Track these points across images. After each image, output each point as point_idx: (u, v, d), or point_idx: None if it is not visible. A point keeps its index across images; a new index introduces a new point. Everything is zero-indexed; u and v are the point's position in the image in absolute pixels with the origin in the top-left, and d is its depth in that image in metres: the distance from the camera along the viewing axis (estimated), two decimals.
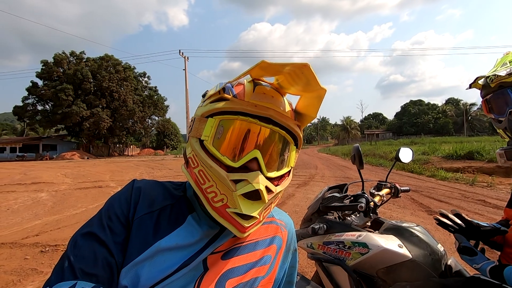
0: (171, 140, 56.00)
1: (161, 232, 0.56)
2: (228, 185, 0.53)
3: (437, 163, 13.02)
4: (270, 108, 0.57)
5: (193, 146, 0.57)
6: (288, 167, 0.62)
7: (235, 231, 0.55)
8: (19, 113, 39.12)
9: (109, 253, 0.51)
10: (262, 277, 0.61)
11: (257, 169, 0.55)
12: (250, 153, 0.54)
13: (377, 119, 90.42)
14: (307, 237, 1.40)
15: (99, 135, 40.84)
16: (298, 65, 0.51)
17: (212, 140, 0.55)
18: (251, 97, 0.56)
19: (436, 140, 31.07)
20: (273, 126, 0.57)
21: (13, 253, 3.60)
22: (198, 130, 0.57)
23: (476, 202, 6.04)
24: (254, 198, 0.54)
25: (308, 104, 0.62)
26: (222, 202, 0.54)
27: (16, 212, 5.97)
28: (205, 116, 0.57)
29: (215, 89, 0.59)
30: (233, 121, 0.55)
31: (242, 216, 0.54)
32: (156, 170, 15.67)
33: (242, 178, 0.53)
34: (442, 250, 1.14)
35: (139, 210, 0.57)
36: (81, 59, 40.84)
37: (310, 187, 8.22)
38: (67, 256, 0.50)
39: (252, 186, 0.53)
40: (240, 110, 0.55)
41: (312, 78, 0.53)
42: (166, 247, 0.54)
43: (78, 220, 5.19)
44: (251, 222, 0.55)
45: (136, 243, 0.53)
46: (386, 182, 1.55)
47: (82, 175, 13.02)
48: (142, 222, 0.56)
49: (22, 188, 9.15)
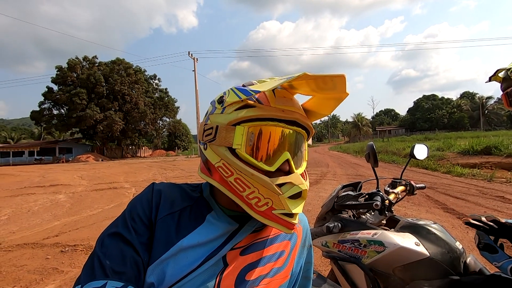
0: (182, 141, 56.59)
1: (182, 231, 0.58)
2: (274, 189, 0.55)
3: (453, 159, 12.68)
4: (295, 111, 0.60)
5: (223, 155, 0.57)
6: (305, 161, 0.65)
7: (284, 230, 0.57)
8: (36, 118, 40.43)
9: (136, 252, 0.54)
10: (279, 268, 0.64)
11: (288, 169, 0.58)
12: (282, 156, 0.57)
13: (389, 115, 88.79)
14: (321, 236, 1.40)
15: (112, 138, 41.75)
16: (335, 75, 0.54)
17: (245, 148, 0.56)
18: (275, 102, 0.58)
19: (451, 135, 30.28)
20: (297, 127, 0.60)
21: (35, 253, 3.74)
22: (226, 139, 0.57)
23: (494, 198, 5.86)
24: (297, 197, 0.58)
25: (322, 104, 0.65)
26: (267, 205, 0.56)
27: (36, 213, 6.19)
28: (231, 124, 0.57)
29: (236, 96, 0.59)
30: (263, 127, 0.57)
31: (288, 215, 0.57)
32: (169, 171, 15.89)
33: (286, 181, 0.56)
34: (460, 248, 1.12)
35: (161, 211, 0.60)
36: (93, 64, 41.82)
37: (322, 186, 8.16)
38: (96, 255, 0.52)
39: (299, 187, 0.57)
40: (269, 117, 0.57)
41: (341, 85, 0.55)
42: (188, 245, 0.57)
43: (95, 220, 5.33)
44: (296, 218, 0.58)
45: (161, 242, 0.56)
46: (401, 179, 1.53)
47: (98, 177, 13.35)
48: (165, 222, 0.59)
49: (41, 190, 9.47)
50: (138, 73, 42.94)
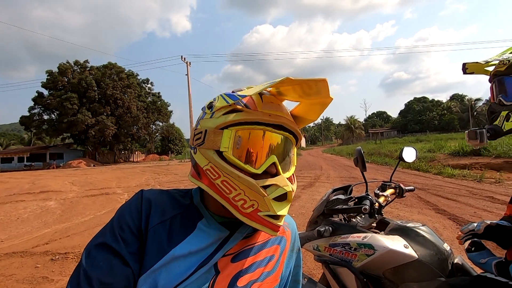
0: (175, 145, 56.24)
1: (174, 240, 0.58)
2: (259, 191, 0.56)
3: (444, 160, 12.90)
4: (282, 116, 0.61)
5: (211, 158, 0.59)
6: (294, 165, 0.67)
7: (270, 232, 0.58)
8: (26, 123, 39.70)
9: (124, 262, 0.53)
10: (269, 272, 0.65)
11: (276, 172, 0.59)
12: (269, 159, 0.58)
13: (381, 118, 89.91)
14: (313, 240, 1.41)
15: (104, 143, 41.26)
16: (317, 80, 0.56)
17: (232, 151, 0.57)
18: (262, 107, 0.60)
19: (442, 137, 30.79)
20: (284, 132, 0.62)
21: (24, 262, 3.66)
22: (214, 142, 0.58)
23: (484, 198, 5.97)
24: (282, 199, 0.59)
25: (308, 109, 0.67)
26: (253, 207, 0.57)
27: (26, 221, 6.06)
28: (219, 128, 0.59)
29: (224, 101, 0.60)
30: (250, 131, 0.58)
31: (273, 217, 0.58)
32: (162, 175, 15.76)
33: (271, 183, 0.57)
34: (448, 249, 1.14)
35: (152, 220, 0.59)
36: (85, 68, 41.40)
37: (315, 188, 8.20)
38: (82, 266, 0.52)
39: (283, 189, 0.57)
40: (256, 121, 0.58)
41: (325, 89, 0.57)
42: (180, 254, 0.57)
43: (87, 227, 5.24)
44: (281, 220, 0.59)
45: (152, 252, 0.56)
46: (390, 182, 1.56)
47: (89, 183, 13.15)
48: (156, 231, 0.58)
49: (31, 197, 9.27)
50: (130, 77, 42.64)
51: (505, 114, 0.97)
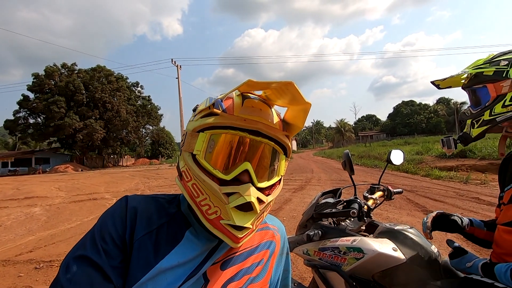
0: (166, 149, 55.67)
1: (161, 252, 0.56)
2: (220, 198, 0.54)
3: (431, 163, 13.16)
4: (259, 121, 0.58)
5: (186, 160, 0.58)
6: (278, 176, 0.63)
7: (230, 242, 0.56)
8: (10, 127, 38.55)
9: (106, 278, 0.50)
10: (256, 278, 0.63)
11: (249, 181, 0.56)
12: (241, 166, 0.56)
13: (370, 121, 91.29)
14: (302, 244, 1.40)
15: (92, 147, 40.44)
16: (283, 83, 0.53)
17: (204, 154, 0.56)
18: (240, 111, 0.58)
19: (429, 139, 31.39)
20: (262, 138, 0.58)
21: (6, 271, 3.52)
22: (190, 145, 0.58)
23: (470, 200, 6.11)
24: (246, 209, 0.55)
25: (295, 116, 0.65)
26: (216, 214, 0.55)
27: (9, 228, 5.86)
28: (196, 131, 0.58)
29: (205, 104, 0.60)
30: (223, 135, 0.57)
31: (235, 228, 0.55)
32: (152, 180, 15.53)
33: (234, 191, 0.54)
34: (436, 252, 1.15)
35: (138, 231, 0.56)
36: (72, 71, 40.62)
37: (306, 191, 8.22)
38: (59, 283, 0.48)
39: (244, 198, 0.54)
40: (230, 125, 0.56)
41: (297, 94, 0.55)
42: (168, 267, 0.54)
43: (73, 234, 5.10)
44: (244, 232, 0.56)
45: (139, 265, 0.53)
46: (379, 185, 1.57)
47: (77, 188, 12.84)
48: (142, 243, 0.55)
49: (15, 204, 8.98)
50: (119, 81, 42.08)
51: (470, 122, 1.06)
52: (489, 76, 0.97)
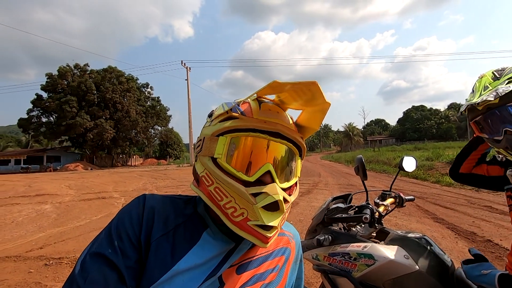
0: (174, 149, 56.16)
1: (178, 253, 0.56)
2: (248, 199, 0.54)
3: (442, 169, 12.90)
4: (278, 123, 0.59)
5: (206, 165, 0.58)
6: (296, 177, 0.64)
7: (258, 243, 0.56)
8: (23, 125, 39.57)
9: (121, 278, 0.50)
10: (272, 284, 0.63)
11: (271, 181, 0.57)
12: (263, 167, 0.56)
13: (379, 125, 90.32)
14: (312, 249, 1.39)
15: (102, 146, 41.11)
16: (307, 82, 0.54)
17: (225, 158, 0.56)
18: (259, 114, 0.59)
19: (440, 145, 30.91)
20: (281, 139, 0.59)
21: (17, 267, 3.60)
22: (209, 149, 0.58)
23: (482, 208, 5.96)
24: (273, 209, 0.56)
25: (310, 118, 0.65)
26: (243, 216, 0.55)
27: (20, 224, 5.99)
28: (215, 135, 0.58)
29: (222, 109, 0.61)
30: (244, 137, 0.57)
31: (264, 227, 0.55)
32: (160, 180, 15.67)
33: (261, 191, 0.55)
34: (449, 261, 1.13)
35: (155, 232, 0.57)
36: (84, 71, 41.49)
37: (314, 195, 8.16)
38: (75, 279, 0.49)
39: (272, 197, 0.55)
40: (250, 127, 0.57)
41: (319, 94, 0.56)
42: (185, 268, 0.54)
43: (82, 232, 5.18)
44: (272, 232, 0.57)
45: (156, 266, 0.53)
46: (390, 191, 1.54)
47: (86, 186, 13.05)
48: (160, 244, 0.56)
49: (26, 200, 9.18)
50: (130, 81, 42.74)
51: None
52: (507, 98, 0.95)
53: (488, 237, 4.09)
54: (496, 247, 3.75)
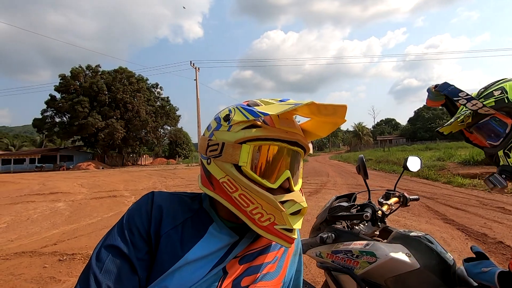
0: (183, 149, 56.68)
1: (187, 245, 0.61)
2: (277, 206, 0.58)
3: (453, 169, 12.65)
4: (297, 133, 0.64)
5: (229, 171, 0.60)
6: (301, 178, 0.70)
7: (285, 244, 0.61)
8: (38, 125, 40.68)
9: (133, 268, 0.55)
10: (272, 275, 0.67)
11: (288, 186, 0.62)
12: (283, 174, 0.61)
13: (389, 125, 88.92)
14: (316, 246, 1.41)
15: (113, 146, 41.87)
16: (339, 105, 0.59)
17: (250, 165, 0.59)
18: (279, 123, 0.62)
19: (452, 145, 30.16)
20: (297, 147, 0.65)
21: (33, 262, 3.73)
22: (232, 156, 0.59)
23: (495, 209, 5.84)
24: (296, 213, 0.62)
25: (319, 127, 0.70)
26: (270, 221, 0.59)
27: (35, 221, 6.18)
28: (238, 142, 0.60)
29: (242, 115, 0.61)
30: (269, 147, 0.61)
31: (289, 230, 0.60)
32: (169, 179, 15.87)
33: (288, 198, 0.60)
34: (451, 259, 1.14)
35: (164, 226, 0.62)
36: (96, 72, 42.33)
37: (322, 195, 8.14)
38: (91, 269, 0.54)
39: (300, 205, 0.61)
40: (275, 137, 0.61)
41: (342, 112, 0.60)
42: (193, 259, 0.59)
43: (94, 229, 5.32)
44: (295, 233, 0.62)
45: (166, 257, 0.58)
46: (394, 191, 1.55)
47: (97, 185, 13.34)
48: (169, 237, 0.61)
49: (41, 198, 9.46)
50: (140, 82, 43.38)
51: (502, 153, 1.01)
52: (492, 107, 0.97)
53: (500, 239, 4.01)
54: (507, 248, 3.68)
